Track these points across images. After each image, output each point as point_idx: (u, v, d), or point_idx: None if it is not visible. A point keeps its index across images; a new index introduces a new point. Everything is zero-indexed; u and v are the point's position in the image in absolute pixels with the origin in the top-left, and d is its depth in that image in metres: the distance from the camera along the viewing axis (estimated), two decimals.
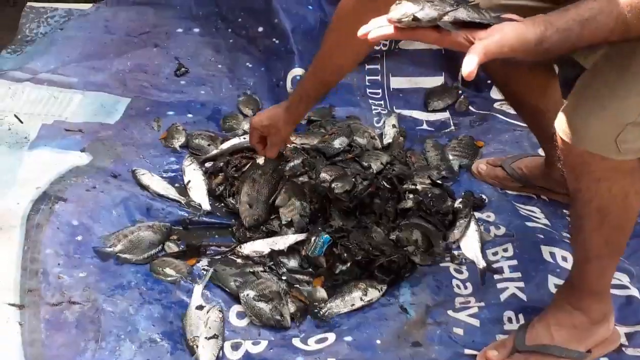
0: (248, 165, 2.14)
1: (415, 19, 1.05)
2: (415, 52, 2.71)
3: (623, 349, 1.59)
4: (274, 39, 2.66)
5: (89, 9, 2.87)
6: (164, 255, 1.90)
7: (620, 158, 1.24)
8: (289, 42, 2.62)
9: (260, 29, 2.70)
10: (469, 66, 1.01)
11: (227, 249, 1.93)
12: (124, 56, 2.70)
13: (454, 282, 1.82)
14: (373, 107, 2.61)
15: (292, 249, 1.89)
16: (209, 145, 2.31)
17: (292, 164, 2.13)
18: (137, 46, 2.75)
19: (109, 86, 2.55)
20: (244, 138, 2.28)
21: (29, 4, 2.93)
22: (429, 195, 2.02)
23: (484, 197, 2.09)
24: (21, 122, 2.31)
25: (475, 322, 1.68)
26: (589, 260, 1.45)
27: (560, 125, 1.27)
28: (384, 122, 2.48)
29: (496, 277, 1.80)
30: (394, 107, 2.61)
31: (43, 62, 2.63)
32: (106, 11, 2.86)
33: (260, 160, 2.09)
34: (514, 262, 1.82)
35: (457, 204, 2.02)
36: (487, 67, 1.87)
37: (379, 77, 2.72)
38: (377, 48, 2.70)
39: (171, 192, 2.10)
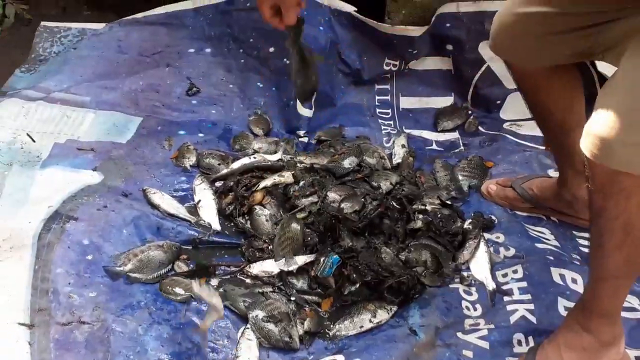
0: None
1: None
2: (425, 73, 2.73)
3: None
4: (285, 60, 2.67)
5: (102, 28, 2.90)
6: (174, 274, 1.90)
7: None
8: None
9: (272, 50, 2.72)
10: None
11: (237, 269, 1.94)
12: (136, 76, 2.72)
13: (464, 303, 1.81)
14: (383, 127, 2.61)
15: (301, 270, 1.89)
16: (219, 164, 2.33)
17: (301, 183, 2.14)
18: (150, 66, 2.77)
19: (121, 105, 2.57)
20: (254, 158, 2.30)
21: (42, 23, 2.96)
22: (439, 215, 2.02)
23: (493, 218, 2.09)
24: (34, 140, 2.32)
25: (485, 345, 1.67)
26: (606, 279, 1.44)
27: (586, 144, 1.27)
28: (394, 142, 2.49)
29: (506, 299, 1.79)
30: (404, 127, 2.62)
31: (56, 81, 2.65)
32: (119, 31, 2.88)
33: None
34: (524, 284, 1.82)
35: (467, 224, 2.02)
36: (518, 77, 1.85)
37: (388, 97, 2.73)
38: (387, 68, 2.71)
39: (181, 212, 2.11)
